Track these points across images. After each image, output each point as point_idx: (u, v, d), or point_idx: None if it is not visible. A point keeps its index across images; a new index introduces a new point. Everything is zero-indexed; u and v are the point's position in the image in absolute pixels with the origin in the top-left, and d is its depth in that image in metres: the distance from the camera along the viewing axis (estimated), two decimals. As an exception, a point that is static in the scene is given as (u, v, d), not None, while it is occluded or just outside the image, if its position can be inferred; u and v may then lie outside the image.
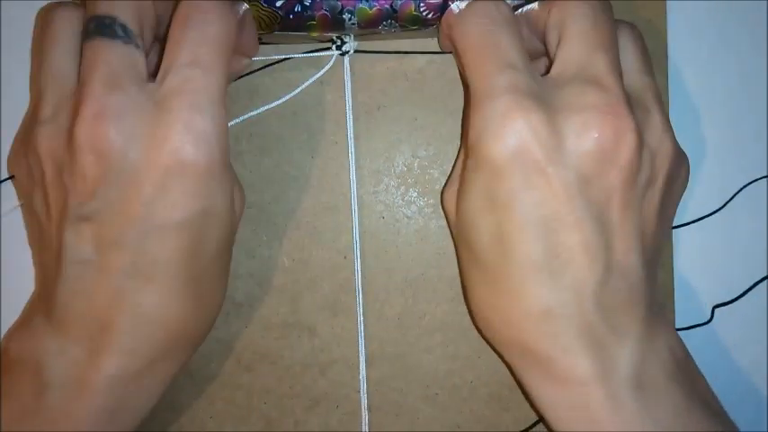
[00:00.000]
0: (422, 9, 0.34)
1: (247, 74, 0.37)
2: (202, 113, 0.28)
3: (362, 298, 0.38)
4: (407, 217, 0.38)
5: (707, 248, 0.38)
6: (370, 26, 0.34)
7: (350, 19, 0.34)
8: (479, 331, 0.35)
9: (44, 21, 0.31)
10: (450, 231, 0.37)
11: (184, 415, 0.38)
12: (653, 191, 0.30)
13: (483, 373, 0.38)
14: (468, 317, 0.37)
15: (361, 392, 0.38)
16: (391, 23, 0.34)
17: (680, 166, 0.31)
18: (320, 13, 0.34)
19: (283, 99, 0.37)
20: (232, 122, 0.37)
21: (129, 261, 0.28)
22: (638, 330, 0.29)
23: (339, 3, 0.34)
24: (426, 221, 0.38)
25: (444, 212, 0.35)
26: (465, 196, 0.31)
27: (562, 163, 0.28)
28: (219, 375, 0.38)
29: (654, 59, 0.36)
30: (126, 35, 0.29)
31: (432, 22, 0.34)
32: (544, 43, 0.32)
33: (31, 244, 0.36)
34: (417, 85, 0.37)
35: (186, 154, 0.28)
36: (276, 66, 0.37)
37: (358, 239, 0.37)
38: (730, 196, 0.38)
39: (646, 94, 0.31)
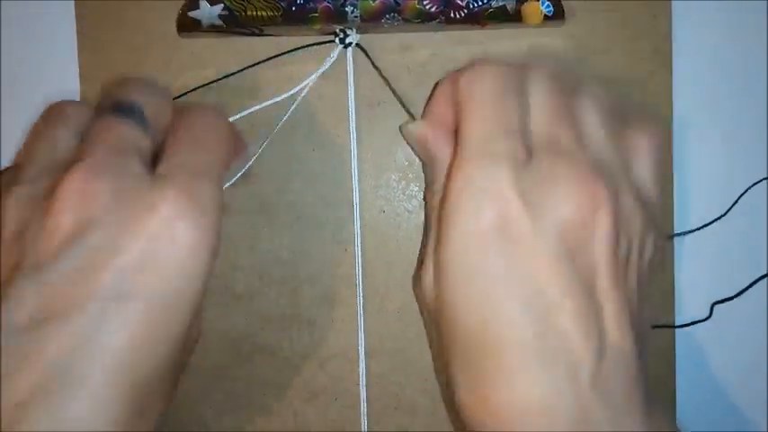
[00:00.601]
0: (425, 2, 0.34)
1: (249, 66, 0.37)
2: (201, 187, 0.27)
3: (363, 292, 0.38)
4: (408, 211, 0.38)
5: (707, 246, 0.38)
6: (372, 19, 0.34)
7: (352, 11, 0.34)
8: (455, 422, 0.32)
9: (50, 106, 0.31)
10: (424, 320, 0.36)
11: (183, 406, 0.38)
12: (632, 262, 0.28)
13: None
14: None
15: (361, 386, 0.38)
16: (394, 17, 0.34)
17: (649, 236, 0.29)
18: (323, 5, 0.34)
19: (288, 94, 0.37)
20: (236, 116, 0.37)
21: (71, 343, 0.24)
22: (639, 418, 0.27)
23: (342, -5, 0.34)
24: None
25: (417, 298, 0.33)
26: (444, 277, 0.28)
27: (544, 237, 0.27)
28: (219, 367, 0.38)
29: (659, 57, 0.36)
30: (140, 119, 0.28)
31: (435, 15, 0.34)
32: None
33: None
34: (420, 79, 0.37)
35: (174, 225, 0.26)
36: (278, 59, 0.36)
37: (359, 232, 0.37)
38: (733, 195, 0.38)
39: (613, 161, 0.29)
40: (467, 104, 0.30)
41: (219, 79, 0.37)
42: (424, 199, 0.33)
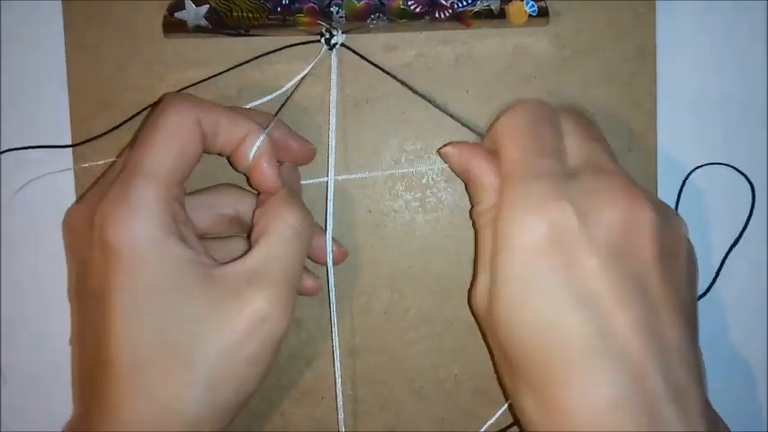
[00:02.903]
0: (409, 3, 0.34)
1: (236, 66, 0.37)
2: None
3: (349, 291, 0.38)
4: (395, 211, 0.38)
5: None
6: (357, 19, 0.34)
7: (338, 12, 0.34)
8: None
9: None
10: (484, 338, 0.37)
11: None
12: (679, 264, 0.30)
13: (468, 367, 0.38)
14: (454, 310, 0.38)
15: (337, 387, 0.38)
16: (379, 17, 0.34)
17: (687, 243, 0.31)
18: (308, 5, 0.34)
19: (274, 94, 0.37)
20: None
21: None
22: (703, 415, 0.27)
23: (327, -5, 0.34)
24: (413, 215, 0.38)
25: (475, 315, 0.33)
26: (501, 290, 0.29)
27: (595, 242, 0.28)
28: None
29: (643, 56, 0.36)
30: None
31: (420, 15, 0.34)
32: None
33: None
34: (405, 79, 0.37)
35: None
36: (264, 58, 0.37)
37: (330, 235, 0.37)
38: (714, 194, 0.38)
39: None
40: (508, 133, 0.32)
41: (206, 79, 0.37)
42: (471, 218, 0.34)
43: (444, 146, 0.35)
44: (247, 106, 0.37)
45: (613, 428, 0.27)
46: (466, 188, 0.36)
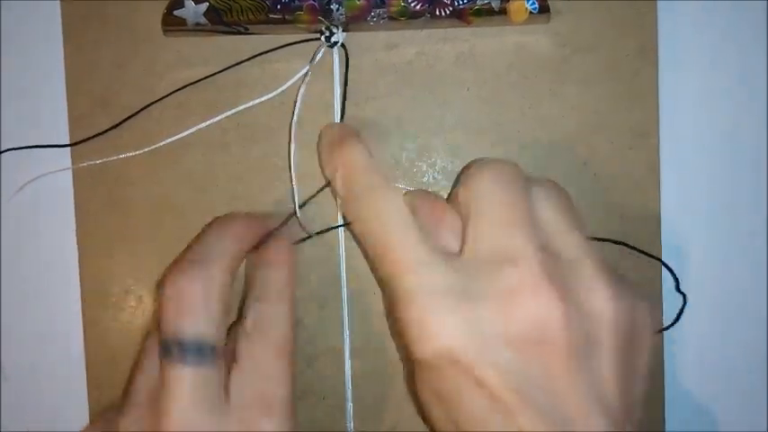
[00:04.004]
0: (410, 0, 0.34)
1: (235, 64, 0.37)
2: (272, 424, 0.30)
3: (349, 291, 0.38)
4: (395, 210, 0.38)
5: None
6: (357, 17, 0.34)
7: (338, 9, 0.34)
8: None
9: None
10: None
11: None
12: (599, 351, 0.28)
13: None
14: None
15: (347, 386, 0.38)
16: (379, 14, 0.34)
17: (627, 321, 0.28)
18: (308, 3, 0.34)
19: (274, 93, 0.37)
20: (221, 115, 0.37)
21: None
22: None
23: (327, -7, 0.34)
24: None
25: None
26: (417, 386, 0.30)
27: (491, 357, 0.27)
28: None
29: (644, 54, 0.36)
30: (210, 357, 0.29)
31: (420, 13, 0.34)
32: None
33: None
34: (406, 77, 0.37)
35: None
36: (264, 56, 0.36)
37: (343, 233, 0.37)
38: (717, 191, 0.38)
39: (576, 253, 0.29)
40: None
41: (205, 78, 0.37)
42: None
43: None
44: (247, 105, 0.37)
45: None
46: None
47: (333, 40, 0.36)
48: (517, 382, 0.27)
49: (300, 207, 0.36)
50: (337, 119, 0.37)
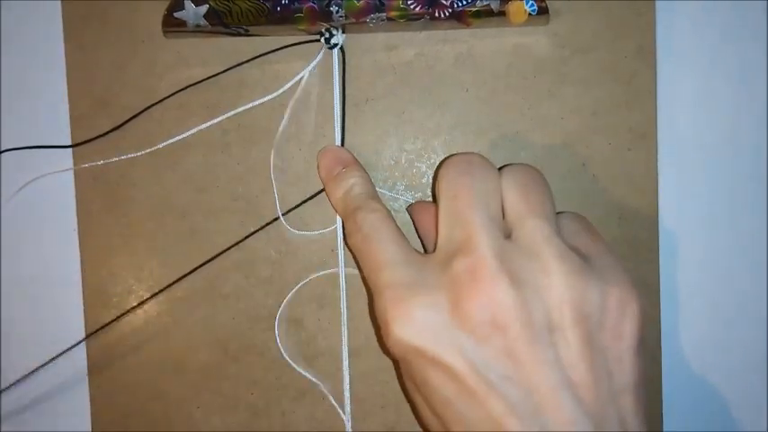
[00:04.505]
0: (409, 2, 0.34)
1: (235, 66, 0.37)
2: None
3: (348, 291, 0.38)
4: (394, 210, 0.38)
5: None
6: (357, 19, 0.34)
7: (337, 11, 0.34)
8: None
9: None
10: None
11: (172, 405, 0.38)
12: (564, 335, 0.27)
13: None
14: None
15: (344, 385, 0.38)
16: (379, 16, 0.34)
17: (593, 304, 0.28)
18: (307, 5, 0.34)
19: (275, 94, 0.37)
20: (222, 116, 0.37)
21: None
22: None
23: (327, -5, 0.34)
24: (413, 215, 0.38)
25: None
26: (400, 379, 0.32)
27: (452, 345, 0.27)
28: (207, 366, 0.38)
29: (642, 55, 0.36)
30: None
31: (419, 15, 0.34)
32: None
33: None
34: (405, 78, 0.37)
35: None
36: (264, 57, 0.37)
37: (341, 231, 0.37)
38: (715, 189, 0.38)
39: (534, 238, 0.29)
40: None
41: (205, 79, 0.37)
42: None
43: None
44: (247, 106, 0.37)
45: None
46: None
47: (332, 41, 0.36)
48: (481, 368, 0.27)
49: (284, 214, 0.37)
50: (337, 120, 0.37)
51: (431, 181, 0.38)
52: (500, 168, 0.31)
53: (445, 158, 0.33)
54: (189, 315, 0.38)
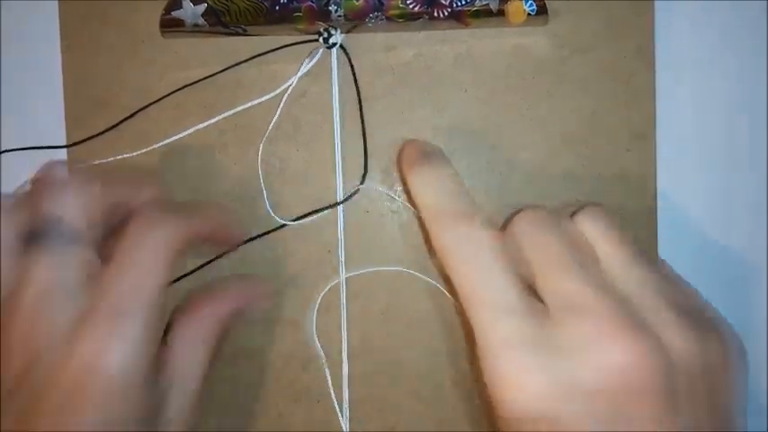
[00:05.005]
0: (408, 2, 0.34)
1: (233, 65, 0.37)
2: (124, 317, 0.28)
3: (346, 293, 0.38)
4: (392, 211, 0.38)
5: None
6: (356, 18, 0.34)
7: (336, 11, 0.34)
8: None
9: None
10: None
11: (166, 408, 0.38)
12: (691, 390, 0.26)
13: (465, 370, 0.38)
14: (451, 312, 0.37)
15: (344, 387, 0.38)
16: (378, 16, 0.34)
17: (709, 356, 0.27)
18: (306, 4, 0.34)
19: (272, 94, 0.37)
20: (221, 116, 0.37)
21: None
22: None
23: (325, -6, 0.34)
24: (411, 216, 0.37)
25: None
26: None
27: (579, 412, 0.26)
28: (202, 369, 0.38)
29: (642, 55, 0.36)
30: (64, 238, 0.29)
31: (418, 14, 0.34)
32: None
33: None
34: (403, 79, 0.37)
35: (94, 365, 0.27)
36: (262, 57, 0.36)
37: (342, 235, 0.37)
38: (714, 192, 0.38)
39: (644, 291, 0.28)
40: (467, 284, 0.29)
41: (203, 79, 0.37)
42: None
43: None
44: (245, 106, 0.37)
45: None
46: None
47: (331, 41, 0.36)
48: None
49: (294, 220, 0.37)
50: (336, 120, 0.37)
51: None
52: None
53: (516, 213, 0.31)
54: (185, 317, 0.38)
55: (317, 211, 0.37)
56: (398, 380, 0.38)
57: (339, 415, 0.38)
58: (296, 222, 0.37)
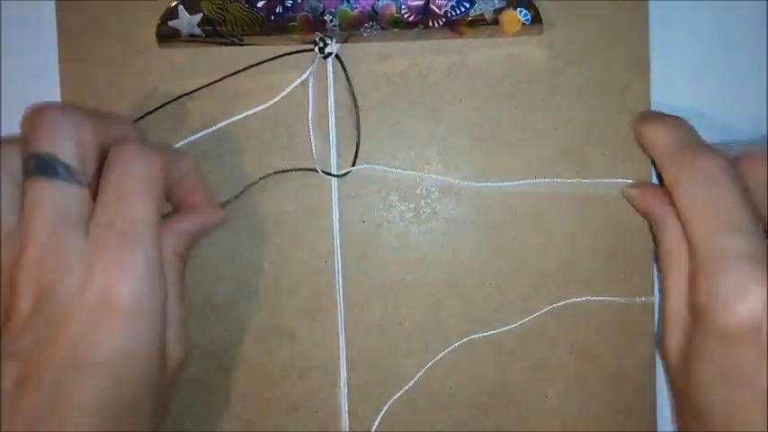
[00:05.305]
0: (403, 12, 0.34)
1: (229, 75, 0.37)
2: (129, 248, 0.29)
3: (342, 303, 0.37)
4: (388, 221, 0.38)
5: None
6: (351, 28, 0.34)
7: (331, 20, 0.34)
8: None
9: None
10: (671, 383, 0.35)
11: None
12: None
13: (462, 380, 0.38)
14: (448, 322, 0.37)
15: (342, 397, 0.38)
16: (373, 26, 0.34)
17: None
18: (301, 14, 0.34)
19: (268, 104, 0.37)
20: (216, 126, 0.37)
21: (44, 401, 0.28)
22: None
23: (320, 4, 0.34)
24: (407, 226, 0.37)
25: (666, 360, 0.34)
26: (696, 365, 0.29)
27: None
28: (198, 379, 0.38)
29: (636, 65, 0.36)
30: (68, 174, 0.29)
31: (413, 24, 0.34)
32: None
33: None
34: (398, 88, 0.37)
35: (111, 292, 0.28)
36: (258, 67, 0.37)
37: (338, 244, 0.37)
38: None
39: None
40: (692, 207, 0.31)
41: (200, 89, 0.37)
42: (655, 260, 0.36)
43: (629, 187, 0.36)
44: (241, 115, 0.37)
45: None
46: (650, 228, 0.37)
47: (327, 50, 0.36)
48: None
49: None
50: (333, 129, 0.37)
51: (424, 192, 0.37)
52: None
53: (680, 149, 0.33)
54: (180, 326, 0.38)
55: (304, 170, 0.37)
56: (394, 390, 0.38)
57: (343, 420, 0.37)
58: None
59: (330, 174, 0.37)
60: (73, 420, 0.28)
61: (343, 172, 0.37)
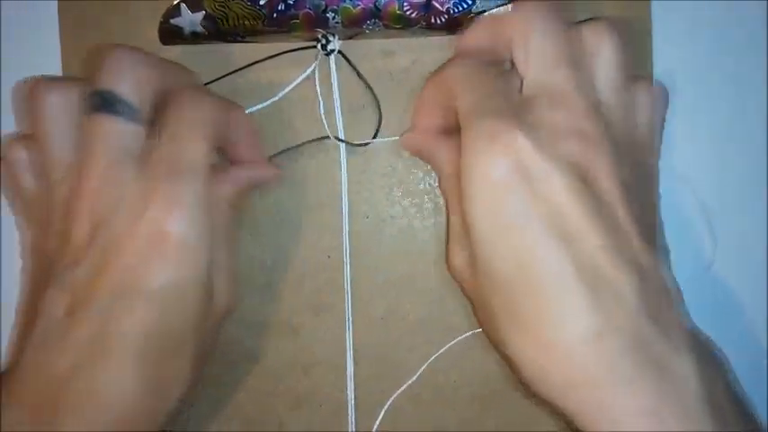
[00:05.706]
0: (405, 8, 0.34)
1: (231, 72, 0.37)
2: (180, 184, 0.30)
3: (347, 298, 0.38)
4: (392, 217, 0.38)
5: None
6: (354, 25, 0.34)
7: (333, 18, 0.34)
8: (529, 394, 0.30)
9: (37, 95, 0.32)
10: (466, 294, 0.34)
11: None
12: (632, 182, 0.30)
13: (466, 374, 0.38)
14: (452, 316, 0.38)
15: (349, 391, 0.38)
16: (375, 23, 0.34)
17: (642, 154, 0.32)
18: (303, 11, 0.34)
19: (271, 101, 0.37)
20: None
21: (91, 330, 0.29)
22: (683, 330, 0.28)
23: (323, 1, 0.34)
24: (410, 221, 0.38)
25: (456, 278, 0.33)
26: (475, 235, 0.29)
27: (558, 169, 0.28)
28: (203, 374, 0.38)
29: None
30: (127, 111, 0.30)
31: (415, 21, 0.34)
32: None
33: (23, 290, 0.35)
34: (402, 85, 0.37)
35: (163, 223, 0.29)
36: (260, 64, 0.37)
37: (347, 240, 0.37)
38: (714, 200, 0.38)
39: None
40: (455, 87, 0.31)
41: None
42: (441, 193, 0.36)
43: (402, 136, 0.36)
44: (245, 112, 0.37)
45: (600, 356, 0.27)
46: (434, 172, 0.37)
47: (329, 48, 0.36)
48: (581, 194, 0.28)
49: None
50: (340, 126, 0.37)
51: (427, 188, 0.37)
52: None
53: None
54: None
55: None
56: (398, 384, 0.38)
57: (349, 417, 0.38)
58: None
59: (346, 142, 0.37)
60: (117, 354, 0.29)
61: (363, 142, 0.37)
